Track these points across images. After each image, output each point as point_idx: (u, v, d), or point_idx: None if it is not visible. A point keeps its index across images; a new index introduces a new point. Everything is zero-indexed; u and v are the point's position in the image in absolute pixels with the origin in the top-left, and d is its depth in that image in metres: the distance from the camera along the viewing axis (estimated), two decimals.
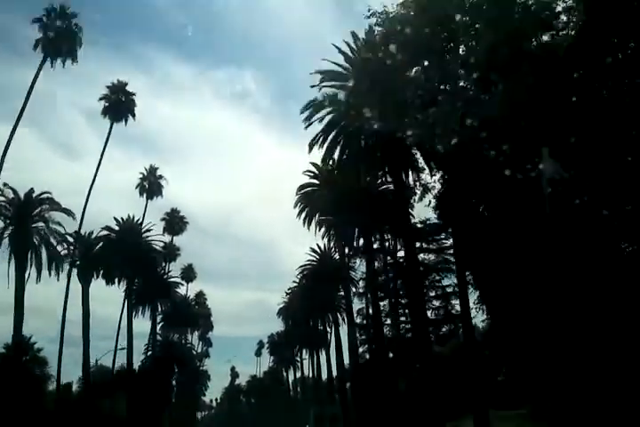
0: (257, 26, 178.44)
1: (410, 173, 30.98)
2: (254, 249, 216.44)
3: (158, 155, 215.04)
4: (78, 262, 51.90)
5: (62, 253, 48.26)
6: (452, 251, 40.37)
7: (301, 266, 63.28)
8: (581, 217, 16.19)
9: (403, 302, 50.96)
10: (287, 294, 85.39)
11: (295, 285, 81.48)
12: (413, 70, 17.54)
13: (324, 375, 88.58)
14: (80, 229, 48.38)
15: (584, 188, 15.79)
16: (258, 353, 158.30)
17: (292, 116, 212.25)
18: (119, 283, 59.41)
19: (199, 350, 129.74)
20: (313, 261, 63.23)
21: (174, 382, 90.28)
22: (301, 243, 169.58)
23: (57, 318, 50.08)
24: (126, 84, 53.25)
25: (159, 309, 73.47)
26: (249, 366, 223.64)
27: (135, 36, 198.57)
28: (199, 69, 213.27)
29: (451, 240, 38.02)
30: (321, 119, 34.33)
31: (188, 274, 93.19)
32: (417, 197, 23.28)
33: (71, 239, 49.62)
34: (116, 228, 60.30)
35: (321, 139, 34.14)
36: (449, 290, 50.42)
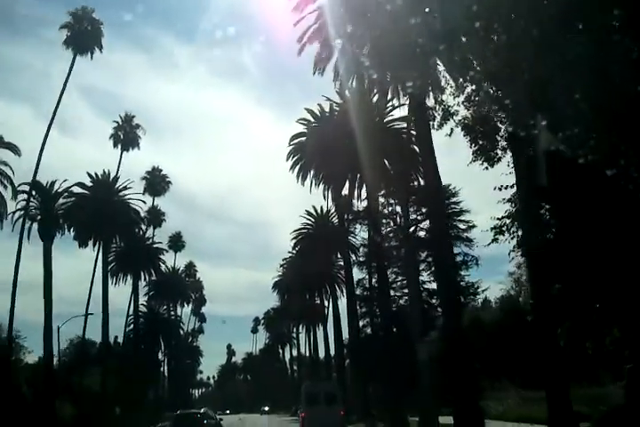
0: None
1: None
2: (251, 229, 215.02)
3: (154, 133, 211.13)
4: (39, 217, 45.72)
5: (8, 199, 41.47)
6: None
7: (296, 230, 57.13)
8: None
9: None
10: (282, 266, 79.37)
11: (290, 255, 75.66)
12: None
13: (322, 353, 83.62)
14: (35, 176, 41.62)
15: None
16: (254, 330, 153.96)
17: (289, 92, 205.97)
18: (94, 246, 53.23)
19: (192, 326, 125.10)
20: (308, 224, 57.03)
21: (163, 358, 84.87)
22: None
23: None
24: (93, 11, 47.58)
25: (143, 278, 67.37)
26: (246, 344, 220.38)
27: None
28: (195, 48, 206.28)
29: None
30: None
31: (176, 243, 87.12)
32: (436, 123, 16.71)
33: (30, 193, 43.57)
34: (89, 184, 53.93)
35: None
36: None
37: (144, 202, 56.98)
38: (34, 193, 45.54)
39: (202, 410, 34.69)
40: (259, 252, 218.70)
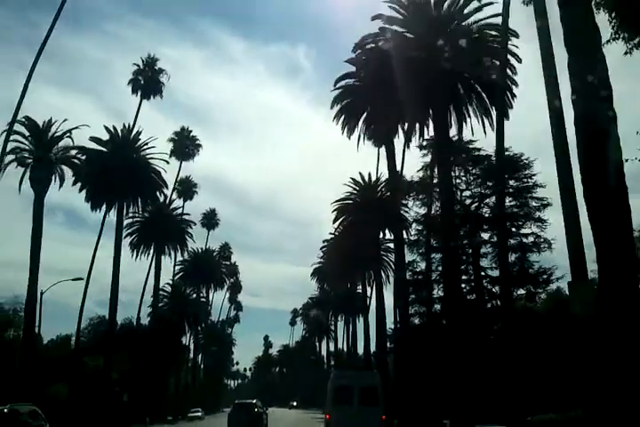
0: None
1: None
2: (298, 226, 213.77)
3: (207, 128, 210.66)
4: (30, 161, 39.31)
5: None
6: None
7: (338, 201, 49.32)
8: None
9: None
10: (322, 249, 71.93)
11: (331, 237, 68.36)
12: None
13: (360, 349, 76.12)
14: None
15: None
16: (292, 322, 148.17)
17: None
18: (109, 209, 46.71)
19: (227, 315, 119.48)
20: (353, 193, 49.21)
21: (188, 343, 78.67)
22: None
23: None
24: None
25: (168, 253, 60.86)
26: (284, 338, 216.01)
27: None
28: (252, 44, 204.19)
29: None
30: None
31: (210, 221, 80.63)
32: None
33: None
34: (106, 139, 47.41)
35: None
36: None
37: (167, 162, 50.14)
38: (27, 134, 39.38)
39: (254, 400, 39.60)
40: (305, 248, 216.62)
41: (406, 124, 31.46)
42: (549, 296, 33.15)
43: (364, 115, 34.38)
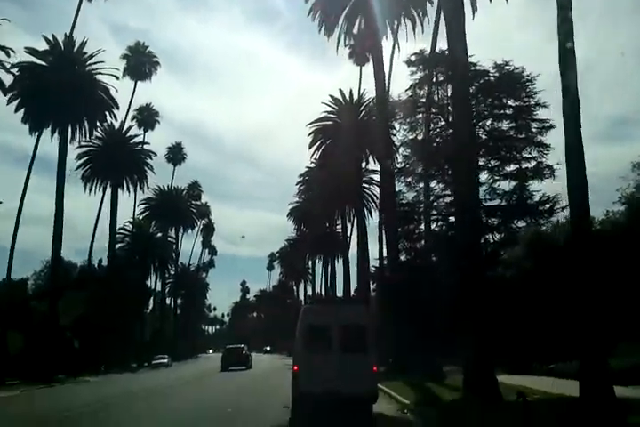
0: None
1: None
2: (276, 174, 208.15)
3: (182, 73, 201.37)
4: None
5: None
6: None
7: (315, 121, 43.27)
8: None
9: None
10: (299, 184, 66.31)
11: (308, 170, 62.81)
12: None
13: (340, 292, 71.73)
14: None
15: None
16: (269, 267, 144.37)
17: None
18: (53, 133, 40.34)
19: (202, 259, 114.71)
20: (331, 113, 43.20)
21: (154, 286, 73.58)
22: None
23: None
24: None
25: (126, 187, 54.73)
26: (263, 284, 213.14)
27: None
28: None
29: None
30: None
31: (176, 155, 74.28)
32: None
33: None
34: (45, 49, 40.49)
35: None
36: None
37: (117, 77, 43.47)
38: None
39: (242, 345, 47.09)
40: (285, 197, 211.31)
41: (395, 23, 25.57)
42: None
43: (346, 10, 28.27)
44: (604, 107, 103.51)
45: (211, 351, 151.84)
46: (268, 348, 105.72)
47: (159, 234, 68.98)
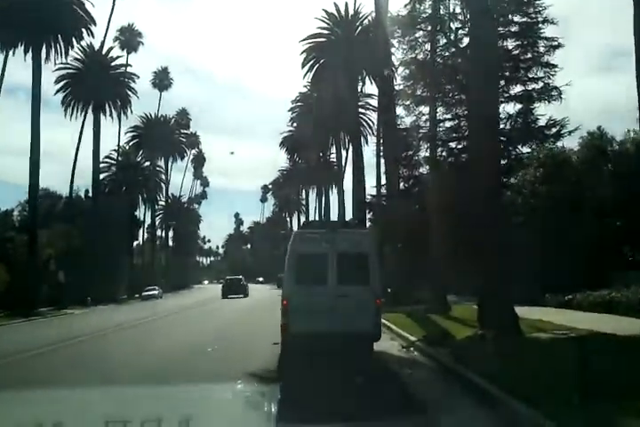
0: None
1: None
2: (270, 106, 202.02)
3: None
4: None
5: None
6: None
7: (308, 38, 39.86)
8: None
9: None
10: (292, 113, 63.20)
11: (300, 96, 59.68)
12: None
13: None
14: None
15: None
16: (263, 199, 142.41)
17: None
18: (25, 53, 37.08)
19: (194, 190, 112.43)
20: (325, 30, 39.76)
21: (144, 217, 71.49)
22: None
23: None
24: None
25: (109, 113, 51.63)
26: (256, 216, 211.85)
27: None
28: None
29: None
30: None
31: (162, 81, 70.58)
32: None
33: None
34: None
35: None
36: None
37: None
38: None
39: (240, 276, 53.14)
40: (277, 129, 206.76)
41: None
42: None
43: None
44: None
45: (206, 282, 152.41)
46: (261, 279, 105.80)
47: (147, 163, 66.29)
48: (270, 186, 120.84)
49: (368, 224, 46.71)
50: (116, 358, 12.48)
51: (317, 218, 75.16)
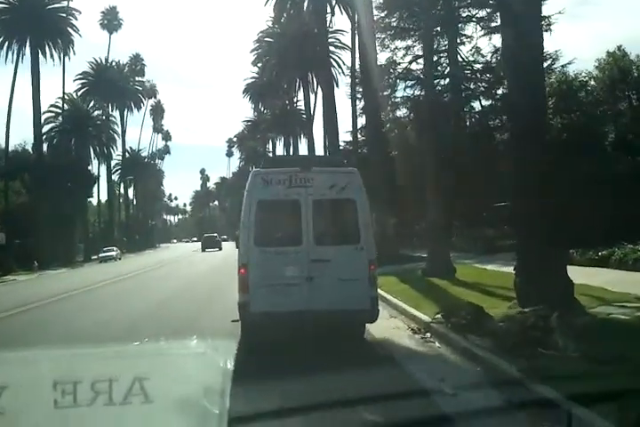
0: None
1: None
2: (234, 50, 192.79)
3: None
4: None
5: None
6: None
7: None
8: None
9: None
10: (255, 51, 57.84)
11: (263, 35, 54.47)
12: None
13: None
14: None
15: None
16: (229, 153, 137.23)
17: None
18: None
19: (155, 145, 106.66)
20: None
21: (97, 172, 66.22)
22: None
23: None
24: None
25: (50, 55, 46.00)
26: (222, 172, 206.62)
27: None
28: None
29: None
30: None
31: (111, 22, 64.33)
32: None
33: None
34: None
35: None
36: None
37: None
38: None
39: (215, 234, 67.40)
40: (240, 78, 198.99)
41: None
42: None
43: None
44: None
45: (175, 241, 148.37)
46: (225, 236, 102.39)
47: (97, 112, 60.74)
48: (235, 139, 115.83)
49: None
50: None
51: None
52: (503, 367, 5.92)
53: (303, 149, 62.85)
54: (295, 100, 61.05)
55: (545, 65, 29.03)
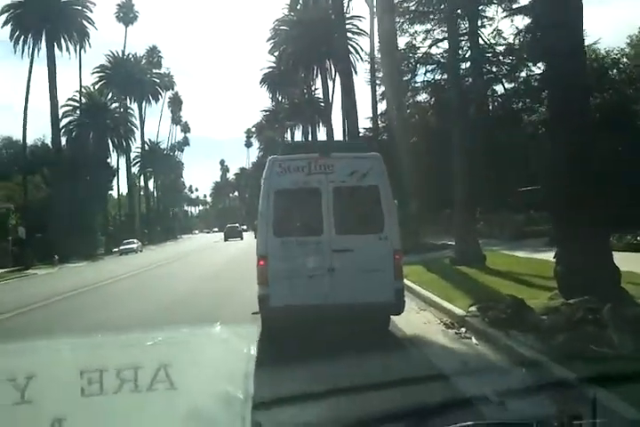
0: None
1: None
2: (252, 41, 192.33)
3: None
4: None
5: None
6: None
7: None
8: None
9: None
10: (272, 39, 57.00)
11: (279, 23, 53.65)
12: None
13: None
14: None
15: None
16: (247, 144, 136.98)
17: None
18: None
19: (174, 137, 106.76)
20: None
21: (118, 165, 66.09)
22: None
23: None
24: None
25: (66, 48, 45.73)
26: (242, 162, 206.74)
27: None
28: None
29: None
30: None
31: (128, 14, 63.89)
32: None
33: None
34: None
35: None
36: None
37: None
38: None
39: (236, 224, 70.41)
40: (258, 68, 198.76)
41: None
42: None
43: None
44: None
45: (197, 232, 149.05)
46: (245, 227, 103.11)
47: (114, 105, 60.50)
48: (254, 129, 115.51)
49: None
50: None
51: None
52: (555, 370, 5.25)
53: (322, 138, 62.24)
54: (313, 88, 60.23)
55: None
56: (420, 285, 11.59)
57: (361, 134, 41.59)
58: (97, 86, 62.16)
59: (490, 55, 33.12)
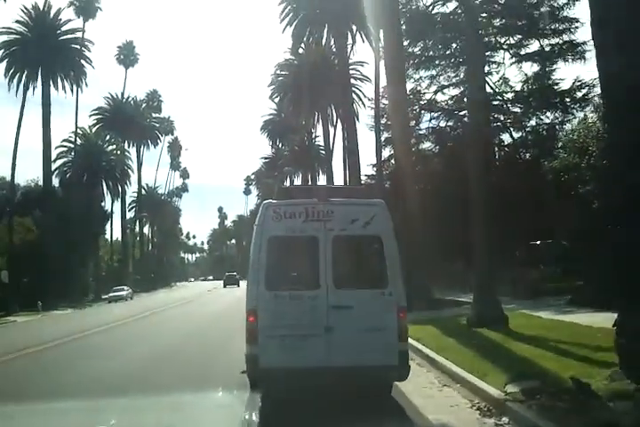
0: None
1: None
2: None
3: None
4: None
5: None
6: None
7: None
8: None
9: None
10: (272, 87, 56.39)
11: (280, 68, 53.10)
12: None
13: None
14: None
15: None
16: (246, 191, 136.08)
17: None
18: None
19: (172, 183, 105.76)
20: None
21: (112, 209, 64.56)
22: None
23: None
24: None
25: (61, 87, 44.85)
26: (240, 210, 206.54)
27: None
28: None
29: None
30: None
31: (128, 58, 63.64)
32: None
33: None
34: None
35: None
36: None
37: None
38: None
39: (234, 272, 77.35)
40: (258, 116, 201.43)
41: None
42: None
43: None
44: None
45: (192, 280, 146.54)
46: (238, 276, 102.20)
47: (110, 147, 59.39)
48: (253, 177, 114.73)
49: None
50: None
51: None
52: None
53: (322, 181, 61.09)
54: (314, 135, 59.43)
55: (580, 94, 27.70)
56: (438, 352, 9.83)
57: (363, 181, 40.49)
58: (94, 129, 61.38)
59: (498, 103, 32.17)
